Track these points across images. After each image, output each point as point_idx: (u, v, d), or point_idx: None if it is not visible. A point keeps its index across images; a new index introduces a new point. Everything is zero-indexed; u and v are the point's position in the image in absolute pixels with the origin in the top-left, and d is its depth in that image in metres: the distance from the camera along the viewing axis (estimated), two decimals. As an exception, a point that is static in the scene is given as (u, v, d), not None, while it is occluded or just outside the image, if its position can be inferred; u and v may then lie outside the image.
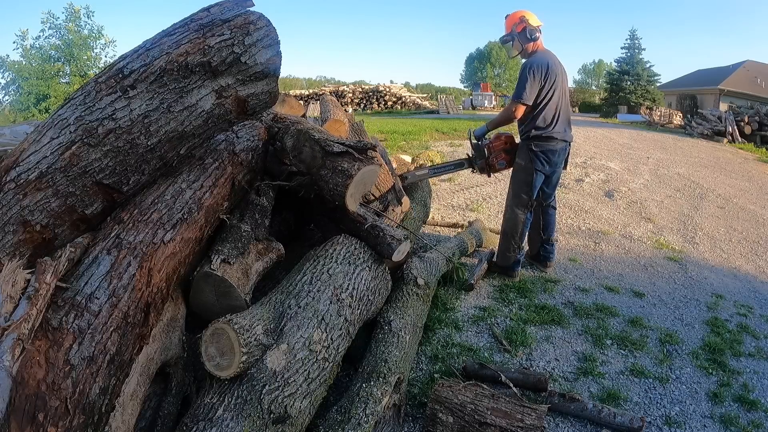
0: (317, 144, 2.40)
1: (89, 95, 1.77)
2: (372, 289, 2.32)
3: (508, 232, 3.46)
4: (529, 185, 3.33)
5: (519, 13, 3.30)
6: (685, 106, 20.70)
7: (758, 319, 3.20)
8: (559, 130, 3.28)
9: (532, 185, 3.33)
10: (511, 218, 3.44)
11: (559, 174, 3.50)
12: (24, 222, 1.70)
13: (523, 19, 3.25)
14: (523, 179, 3.36)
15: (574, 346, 2.75)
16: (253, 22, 1.91)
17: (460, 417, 1.95)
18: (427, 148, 8.50)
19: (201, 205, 2.10)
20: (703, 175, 7.68)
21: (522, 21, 3.25)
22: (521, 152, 3.38)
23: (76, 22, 19.37)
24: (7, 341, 1.30)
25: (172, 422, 1.82)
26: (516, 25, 3.28)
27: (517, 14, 3.30)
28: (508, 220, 3.46)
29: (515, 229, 3.42)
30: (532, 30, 3.24)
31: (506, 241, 3.48)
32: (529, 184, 3.33)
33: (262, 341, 1.79)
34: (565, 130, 3.33)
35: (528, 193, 3.35)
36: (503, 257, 3.53)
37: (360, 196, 2.47)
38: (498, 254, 3.59)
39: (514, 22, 3.29)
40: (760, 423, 2.20)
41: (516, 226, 3.41)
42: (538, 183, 3.35)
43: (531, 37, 3.26)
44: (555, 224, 3.73)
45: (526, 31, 3.24)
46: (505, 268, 3.53)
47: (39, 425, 1.31)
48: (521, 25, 3.25)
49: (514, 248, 3.45)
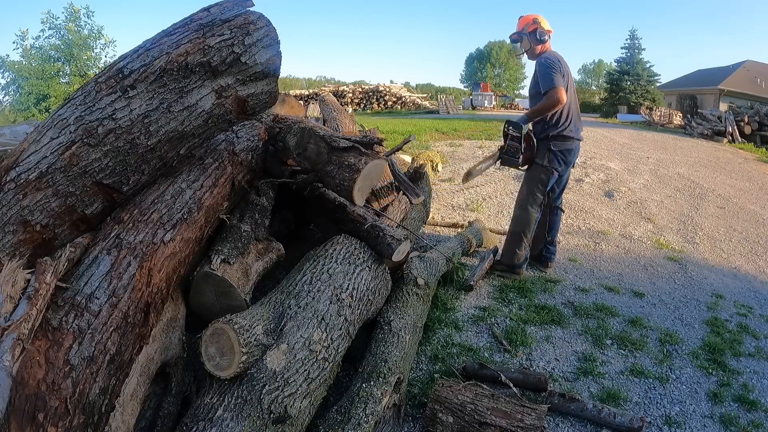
0: (322, 140, 2.41)
1: (89, 95, 1.77)
2: (372, 289, 2.32)
3: (519, 230, 3.48)
4: (545, 184, 3.40)
5: (533, 16, 3.42)
6: (685, 106, 20.71)
7: (758, 319, 3.20)
8: (573, 128, 3.38)
9: (547, 184, 3.41)
10: (524, 217, 3.46)
11: (569, 173, 3.60)
12: (24, 222, 1.70)
13: (536, 21, 3.37)
14: (540, 178, 3.41)
15: (574, 346, 2.75)
16: (253, 22, 1.91)
17: (460, 417, 1.94)
18: (427, 148, 8.50)
19: (201, 205, 2.10)
20: (703, 175, 7.68)
21: (535, 23, 3.37)
22: (541, 152, 3.41)
23: (76, 22, 19.37)
24: (7, 341, 1.30)
25: (172, 422, 1.82)
26: (528, 26, 3.39)
27: (531, 16, 3.42)
28: (520, 219, 3.48)
29: (528, 228, 3.46)
30: (542, 32, 3.35)
31: (516, 239, 3.49)
32: (545, 184, 3.40)
33: (262, 341, 1.79)
34: (578, 129, 3.43)
35: (543, 192, 3.43)
36: (511, 255, 3.53)
37: (367, 191, 2.47)
38: (505, 253, 3.59)
39: (527, 22, 3.41)
40: (760, 423, 2.20)
41: (529, 225, 3.45)
42: (552, 182, 3.43)
43: (540, 39, 3.37)
44: (560, 226, 3.81)
45: (537, 33, 3.35)
46: (512, 266, 3.54)
47: (39, 425, 1.31)
48: (533, 26, 3.36)
49: (525, 246, 3.49)
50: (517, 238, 3.48)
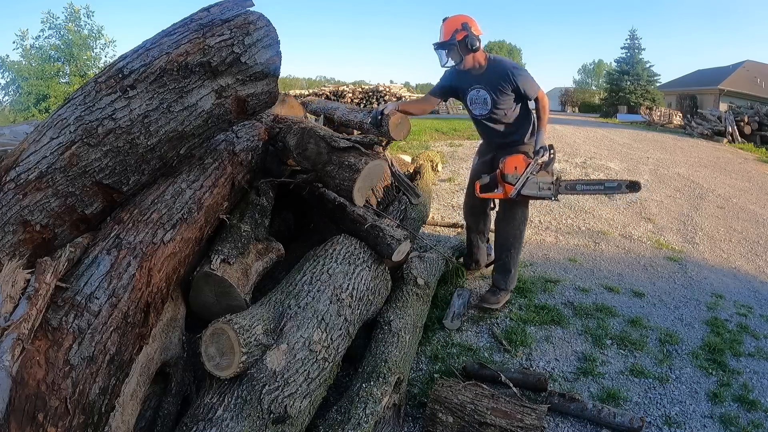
0: (323, 140, 2.41)
1: (89, 95, 1.77)
2: (372, 289, 2.32)
3: (519, 247, 3.09)
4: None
5: (461, 19, 2.77)
6: (685, 106, 20.70)
7: (758, 319, 3.19)
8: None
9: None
10: (523, 232, 3.09)
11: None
12: (24, 222, 1.70)
13: (466, 26, 2.74)
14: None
15: (574, 346, 2.75)
16: (253, 22, 1.91)
17: (460, 417, 1.95)
18: (427, 148, 8.50)
19: (201, 205, 2.10)
20: (702, 175, 7.68)
21: (464, 28, 2.74)
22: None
23: (76, 22, 19.36)
24: (7, 341, 1.30)
25: (172, 422, 1.82)
26: (457, 32, 2.75)
27: (459, 19, 2.78)
28: (521, 234, 3.06)
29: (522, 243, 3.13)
30: (473, 38, 2.73)
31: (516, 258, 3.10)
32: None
33: (262, 341, 1.79)
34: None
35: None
36: (514, 279, 3.12)
37: (367, 191, 2.47)
38: (511, 279, 3.09)
39: (454, 28, 2.76)
40: (760, 423, 2.20)
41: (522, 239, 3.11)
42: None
43: (472, 47, 2.74)
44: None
45: (467, 40, 2.73)
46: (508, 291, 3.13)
47: (39, 425, 1.31)
48: (463, 33, 2.73)
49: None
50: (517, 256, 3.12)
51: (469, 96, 2.96)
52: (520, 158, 2.85)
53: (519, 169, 2.83)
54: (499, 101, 2.86)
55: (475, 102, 2.96)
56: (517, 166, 2.84)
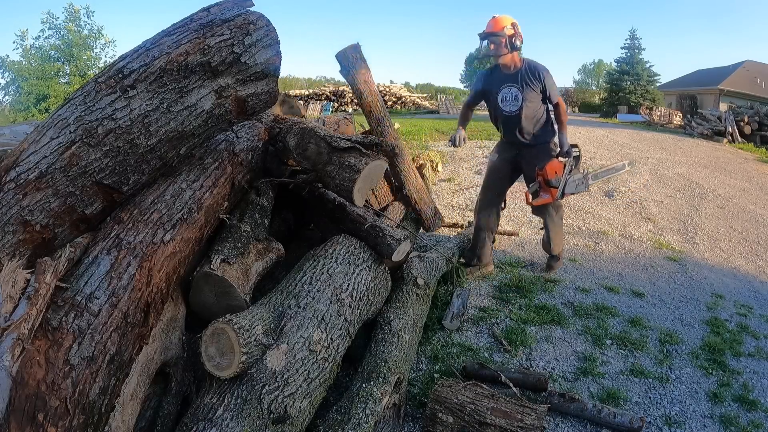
0: (323, 140, 2.41)
1: (89, 95, 1.77)
2: (372, 289, 2.32)
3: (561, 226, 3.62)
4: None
5: (510, 19, 3.09)
6: (685, 106, 20.68)
7: (758, 319, 3.20)
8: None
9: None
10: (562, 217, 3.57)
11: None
12: (24, 222, 1.70)
13: (515, 26, 3.07)
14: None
15: (574, 346, 2.75)
16: (253, 22, 1.91)
17: (460, 417, 1.95)
18: (427, 148, 8.51)
19: (201, 205, 2.10)
20: (703, 175, 7.68)
21: (513, 27, 3.07)
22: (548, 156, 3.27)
23: (76, 22, 19.39)
24: (7, 341, 1.30)
25: (172, 422, 1.82)
26: (507, 29, 3.06)
27: (509, 19, 3.09)
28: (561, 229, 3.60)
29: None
30: (518, 39, 3.08)
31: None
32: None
33: (262, 341, 1.79)
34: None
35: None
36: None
37: (367, 192, 2.47)
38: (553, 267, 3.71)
39: (505, 25, 3.07)
40: (760, 423, 2.20)
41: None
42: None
43: (515, 46, 3.09)
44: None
45: (514, 39, 3.06)
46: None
47: (39, 425, 1.31)
48: (512, 31, 3.05)
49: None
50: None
51: (501, 94, 3.23)
52: (556, 162, 3.20)
53: (558, 172, 3.18)
54: (529, 98, 3.15)
55: (505, 99, 3.23)
56: (557, 170, 3.18)
